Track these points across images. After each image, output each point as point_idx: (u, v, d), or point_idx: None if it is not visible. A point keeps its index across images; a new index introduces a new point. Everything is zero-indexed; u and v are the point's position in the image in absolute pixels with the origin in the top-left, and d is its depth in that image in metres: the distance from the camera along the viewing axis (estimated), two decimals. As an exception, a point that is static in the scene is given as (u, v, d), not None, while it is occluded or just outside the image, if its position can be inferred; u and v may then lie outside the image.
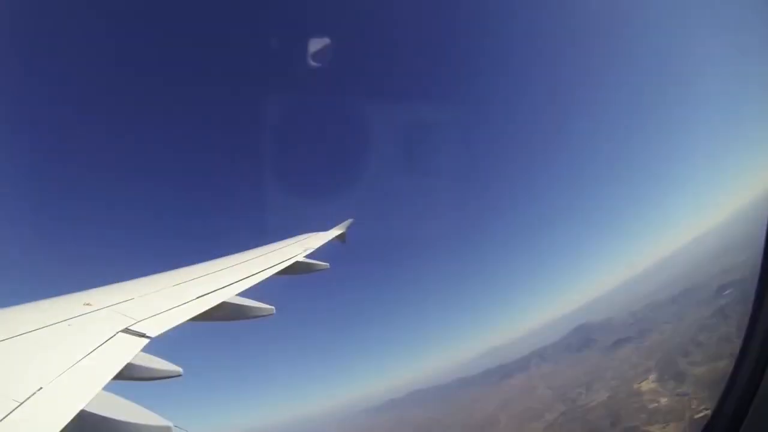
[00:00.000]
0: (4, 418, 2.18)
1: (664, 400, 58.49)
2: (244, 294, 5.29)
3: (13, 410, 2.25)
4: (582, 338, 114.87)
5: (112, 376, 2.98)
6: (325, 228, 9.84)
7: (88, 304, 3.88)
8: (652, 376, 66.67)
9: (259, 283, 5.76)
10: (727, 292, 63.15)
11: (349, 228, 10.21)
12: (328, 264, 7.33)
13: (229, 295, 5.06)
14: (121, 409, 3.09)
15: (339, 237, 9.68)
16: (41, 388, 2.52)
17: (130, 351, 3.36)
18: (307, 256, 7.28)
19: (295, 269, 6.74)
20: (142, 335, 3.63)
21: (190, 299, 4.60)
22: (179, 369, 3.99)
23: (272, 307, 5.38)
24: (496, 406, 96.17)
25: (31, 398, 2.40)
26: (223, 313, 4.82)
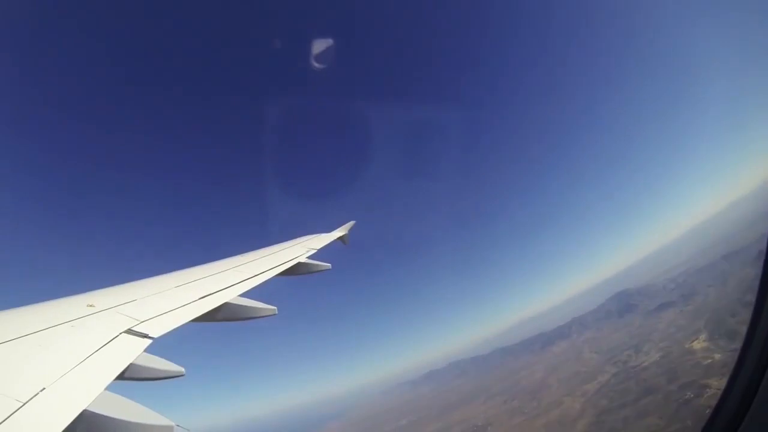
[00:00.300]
0: (7, 418, 2.21)
1: (718, 356, 58.49)
2: (246, 295, 5.29)
3: (17, 410, 2.28)
4: (622, 304, 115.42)
5: (114, 377, 3.03)
6: (328, 229, 9.76)
7: (91, 306, 3.93)
8: (703, 336, 66.32)
9: (261, 284, 5.77)
10: (769, 256, 60.77)
11: (351, 230, 10.10)
12: (330, 265, 7.28)
13: (232, 295, 5.07)
14: (123, 409, 3.07)
15: (341, 238, 9.62)
16: (44, 388, 2.56)
17: (133, 351, 3.39)
18: (309, 257, 7.25)
19: (297, 270, 6.75)
20: (145, 336, 3.66)
21: (193, 300, 4.63)
22: (182, 369, 3.97)
23: (274, 307, 5.35)
24: (543, 372, 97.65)
25: (35, 398, 2.43)
26: (225, 313, 4.84)
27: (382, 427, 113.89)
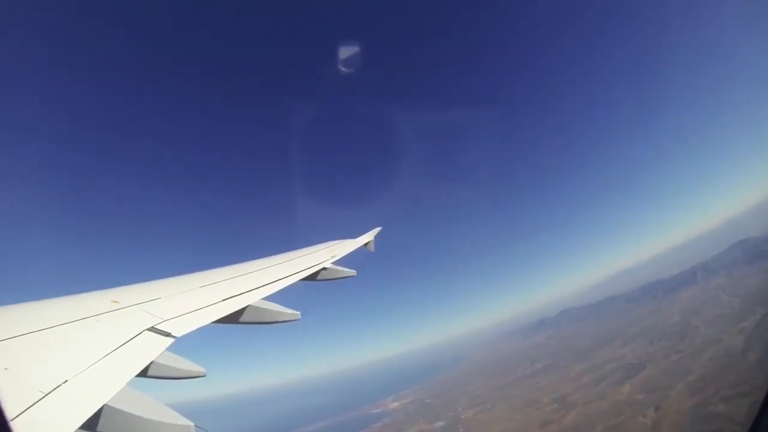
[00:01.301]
0: (29, 408, 2.25)
1: None
2: (269, 298, 5.28)
3: (38, 401, 2.33)
4: (749, 252, 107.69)
5: (136, 373, 3.06)
6: (355, 235, 9.72)
7: (116, 302, 3.99)
8: None
9: (285, 288, 5.75)
10: None
11: (377, 236, 10.01)
12: (354, 271, 7.26)
13: (255, 298, 5.06)
14: (143, 405, 3.12)
15: (367, 245, 9.52)
16: (66, 380, 2.60)
17: (155, 349, 3.42)
18: (334, 263, 7.21)
19: (321, 275, 6.72)
20: (168, 334, 3.68)
21: (216, 301, 4.64)
22: (203, 370, 4.01)
23: (297, 312, 5.31)
24: (680, 314, 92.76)
25: (56, 390, 2.47)
26: (248, 316, 4.83)
27: (515, 371, 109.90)
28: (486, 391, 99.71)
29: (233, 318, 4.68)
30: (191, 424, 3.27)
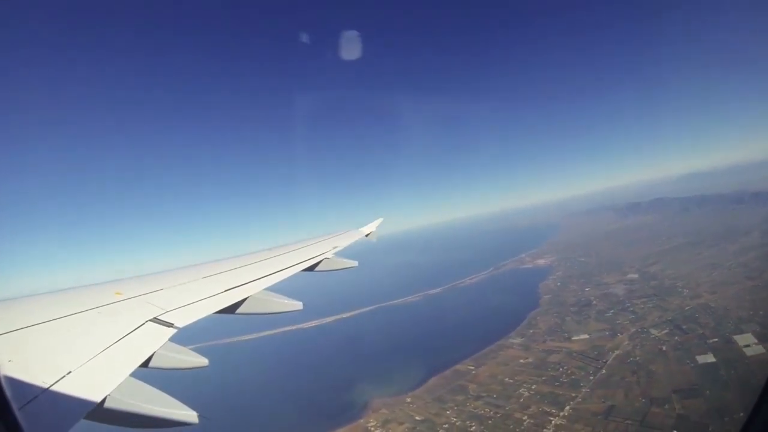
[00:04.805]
0: (32, 400, 2.27)
1: None
2: (271, 289, 5.28)
3: (42, 392, 2.36)
4: None
5: (138, 364, 3.08)
6: (357, 226, 9.63)
7: (118, 293, 4.03)
8: None
9: (286, 279, 5.74)
10: None
11: (379, 227, 9.89)
12: (356, 262, 7.12)
13: (257, 289, 5.09)
14: (146, 396, 3.05)
15: (369, 236, 9.43)
16: (70, 372, 2.62)
17: (158, 340, 3.45)
18: (335, 254, 7.15)
19: (321, 266, 6.68)
20: (170, 325, 3.71)
21: (218, 292, 4.70)
22: (205, 361, 3.93)
23: (299, 303, 5.26)
24: None
25: (60, 382, 2.50)
26: (249, 307, 4.84)
27: (655, 243, 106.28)
28: (645, 255, 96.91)
29: (235, 309, 4.74)
30: (195, 413, 3.22)
